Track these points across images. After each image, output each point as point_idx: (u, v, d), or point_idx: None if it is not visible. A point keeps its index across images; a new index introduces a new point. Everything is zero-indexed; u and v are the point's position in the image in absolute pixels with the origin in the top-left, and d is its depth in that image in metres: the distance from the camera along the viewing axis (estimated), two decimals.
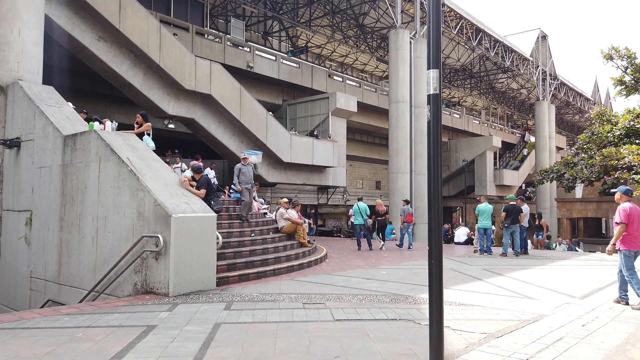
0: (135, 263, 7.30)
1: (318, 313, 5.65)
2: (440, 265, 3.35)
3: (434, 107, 3.06)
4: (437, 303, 3.42)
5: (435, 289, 3.46)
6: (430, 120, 3.05)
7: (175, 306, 6.07)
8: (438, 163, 3.00)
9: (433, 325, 3.52)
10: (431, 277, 3.48)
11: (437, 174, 3.02)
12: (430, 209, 3.11)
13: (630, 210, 6.31)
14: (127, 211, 7.56)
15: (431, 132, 3.07)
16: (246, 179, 11.14)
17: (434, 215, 3.12)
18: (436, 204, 3.10)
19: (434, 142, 3.03)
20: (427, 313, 5.76)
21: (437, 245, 3.21)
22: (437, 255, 3.25)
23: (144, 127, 9.18)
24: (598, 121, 19.91)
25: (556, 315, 5.73)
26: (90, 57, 17.52)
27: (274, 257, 9.49)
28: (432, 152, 3.01)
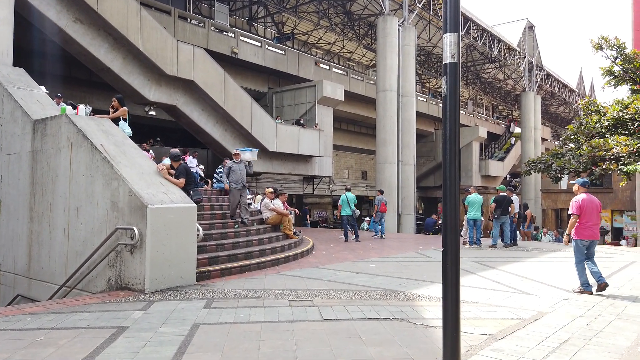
0: (109, 257, 6.83)
1: (305, 312, 5.26)
2: (457, 272, 2.86)
3: (452, 79, 2.59)
4: (452, 317, 2.95)
5: (451, 303, 3.02)
6: (446, 94, 2.59)
7: (151, 304, 5.63)
8: (456, 147, 2.57)
9: (447, 335, 3.05)
10: (446, 290, 3.00)
11: (455, 161, 2.59)
12: (445, 202, 2.66)
13: (583, 202, 6.62)
14: (100, 201, 7.06)
15: (447, 108, 2.59)
16: (236, 177, 10.19)
17: (450, 209, 2.65)
18: (452, 197, 2.66)
19: (451, 121, 2.56)
20: (422, 311, 5.44)
21: (453, 246, 2.79)
22: (453, 258, 2.83)
23: (120, 111, 8.63)
24: (586, 112, 19.77)
25: (557, 312, 5.43)
26: (67, 39, 16.74)
27: (259, 250, 9.07)
28: (449, 134, 2.54)
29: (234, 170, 10.29)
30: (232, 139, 21.79)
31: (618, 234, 28.43)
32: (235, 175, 10.23)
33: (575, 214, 6.64)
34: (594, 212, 6.70)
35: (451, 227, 2.67)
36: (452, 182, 2.56)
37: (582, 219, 6.62)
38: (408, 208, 25.12)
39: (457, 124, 2.57)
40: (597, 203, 6.79)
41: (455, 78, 2.62)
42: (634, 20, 25.46)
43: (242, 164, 10.53)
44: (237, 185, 10.17)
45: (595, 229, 6.76)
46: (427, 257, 10.53)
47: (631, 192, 27.64)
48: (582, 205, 6.60)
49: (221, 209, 10.30)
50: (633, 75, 18.81)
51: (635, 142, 16.35)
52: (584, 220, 6.61)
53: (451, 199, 2.61)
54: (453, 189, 2.57)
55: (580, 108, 20.56)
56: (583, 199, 6.67)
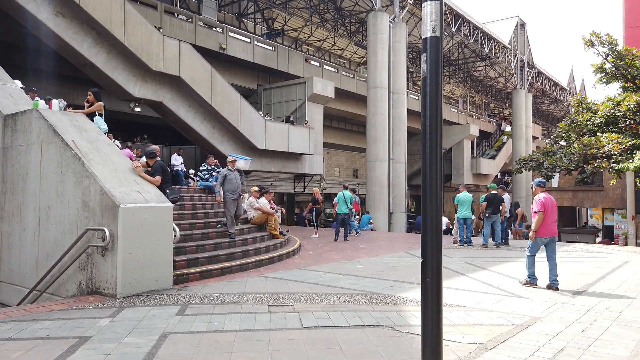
0: (79, 259, 6.45)
1: (285, 318, 4.94)
2: (439, 288, 2.56)
3: (433, 56, 2.25)
4: (433, 345, 2.64)
5: (432, 330, 2.71)
6: (426, 74, 2.24)
7: (121, 310, 5.27)
8: (437, 139, 2.24)
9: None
10: (426, 313, 2.71)
11: (436, 156, 2.27)
12: (425, 204, 2.33)
13: (545, 200, 6.89)
14: (71, 200, 6.68)
15: (428, 91, 2.22)
16: (232, 187, 9.23)
17: (431, 211, 2.33)
18: (433, 198, 2.34)
19: (432, 107, 2.21)
20: (408, 317, 5.13)
21: (435, 257, 2.48)
22: (435, 272, 2.50)
23: (96, 106, 8.23)
24: (577, 109, 19.60)
25: (550, 318, 5.15)
26: (48, 34, 16.24)
27: (241, 251, 8.72)
28: (429, 124, 2.19)
29: (229, 179, 9.31)
30: (220, 137, 21.39)
31: (609, 232, 28.39)
32: (231, 184, 9.28)
33: (540, 210, 6.87)
34: (554, 210, 6.99)
35: (432, 233, 2.33)
36: (432, 180, 2.23)
37: (544, 217, 6.88)
38: (399, 206, 24.87)
39: (439, 111, 2.22)
40: (555, 202, 7.09)
41: (437, 55, 2.27)
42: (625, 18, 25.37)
43: (236, 172, 9.66)
44: (233, 195, 9.24)
45: (554, 227, 7.00)
46: (417, 258, 10.24)
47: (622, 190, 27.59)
48: (545, 202, 6.87)
49: (203, 208, 9.94)
50: (625, 72, 18.65)
51: (627, 139, 16.20)
52: (545, 218, 6.88)
53: (432, 199, 2.27)
54: (434, 188, 2.24)
55: (572, 106, 20.39)
56: (545, 197, 6.94)
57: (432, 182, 2.26)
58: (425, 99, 2.24)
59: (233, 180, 9.33)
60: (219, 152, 21.16)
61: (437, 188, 2.28)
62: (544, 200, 6.88)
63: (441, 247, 2.59)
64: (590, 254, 11.40)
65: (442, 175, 2.27)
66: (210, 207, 10.18)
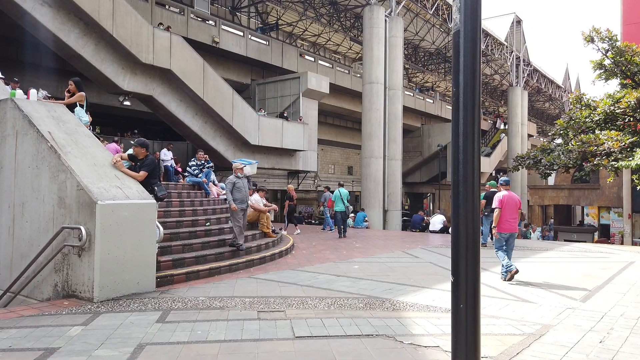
0: (55, 260, 5.99)
1: (275, 327, 4.51)
2: (476, 321, 1.99)
3: (469, 1, 1.78)
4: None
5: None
6: (459, 27, 1.76)
7: (97, 316, 4.83)
8: (474, 115, 1.76)
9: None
10: (457, 342, 2.13)
11: (473, 141, 1.76)
12: (457, 204, 1.83)
13: (504, 197, 7.32)
14: (46, 196, 6.21)
15: (462, 50, 1.72)
16: (241, 196, 8.53)
17: (465, 215, 1.83)
18: (469, 196, 1.83)
19: (468, 70, 1.72)
20: (410, 324, 4.72)
21: (472, 275, 1.99)
22: (471, 297, 1.99)
23: (77, 96, 7.74)
24: (576, 106, 19.28)
25: (563, 326, 4.76)
26: (34, 24, 15.67)
27: (231, 251, 8.27)
28: (464, 94, 1.68)
29: (238, 187, 8.53)
30: (212, 132, 20.91)
31: (605, 231, 28.17)
32: (240, 193, 8.53)
33: (497, 207, 7.29)
34: (513, 208, 7.34)
35: (467, 245, 1.83)
36: (468, 174, 1.73)
37: (503, 214, 7.27)
38: (394, 204, 24.52)
39: (477, 77, 1.75)
40: (516, 200, 7.45)
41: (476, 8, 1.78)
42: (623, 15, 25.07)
43: (245, 179, 8.92)
44: (242, 204, 8.55)
45: (514, 223, 7.36)
46: (415, 257, 9.86)
47: (618, 188, 27.38)
48: (503, 200, 7.28)
49: (192, 205, 9.48)
50: (624, 68, 18.33)
51: (627, 137, 15.90)
52: (505, 214, 7.27)
53: (466, 198, 1.78)
54: (470, 185, 1.75)
55: (571, 102, 20.06)
56: (504, 195, 7.38)
57: (467, 176, 1.79)
58: (458, 60, 1.77)
59: (242, 188, 8.60)
60: (211, 147, 20.70)
61: (474, 184, 1.80)
62: (502, 198, 7.30)
63: (479, 264, 2.00)
64: (592, 254, 11.06)
65: (479, 168, 1.81)
66: (199, 204, 9.73)
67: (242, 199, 8.55)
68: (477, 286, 1.95)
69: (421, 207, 40.40)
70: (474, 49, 1.81)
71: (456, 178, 1.81)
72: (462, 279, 1.91)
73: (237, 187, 8.53)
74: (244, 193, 8.62)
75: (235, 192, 8.50)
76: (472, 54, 1.79)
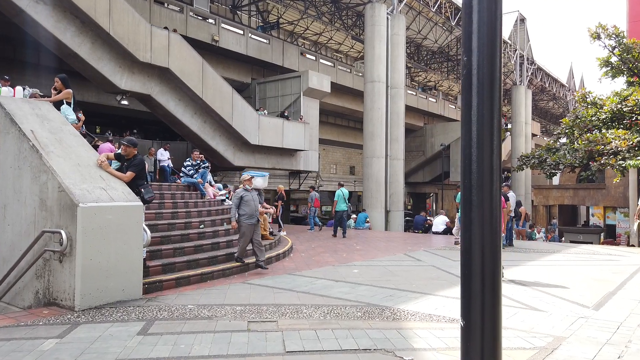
0: (36, 265, 5.67)
1: (265, 339, 4.18)
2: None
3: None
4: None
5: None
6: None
7: (75, 327, 4.50)
8: (495, 88, 1.40)
9: None
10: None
11: (491, 122, 1.39)
12: (468, 203, 1.36)
13: None
14: (28, 198, 5.89)
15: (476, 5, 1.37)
16: (250, 210, 7.80)
17: (485, 225, 1.42)
18: (486, 194, 1.40)
19: (484, 32, 1.35)
20: (411, 337, 4.37)
21: (490, 301, 1.55)
22: (491, 330, 1.55)
23: (63, 94, 7.41)
24: (582, 104, 18.88)
25: (576, 337, 4.41)
26: (29, 22, 15.39)
27: (225, 254, 7.94)
28: (478, 64, 1.34)
29: (246, 200, 7.84)
30: (212, 132, 20.60)
31: (611, 231, 27.74)
32: (249, 207, 7.83)
33: None
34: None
35: (485, 279, 1.41)
36: (485, 177, 1.34)
37: None
38: (396, 204, 24.15)
39: (496, 46, 1.38)
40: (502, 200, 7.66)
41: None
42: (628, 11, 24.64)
43: (254, 192, 8.22)
44: (251, 220, 7.80)
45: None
46: (417, 261, 9.51)
47: (624, 188, 26.94)
48: None
49: (186, 206, 9.15)
50: (631, 65, 17.93)
51: (635, 135, 15.50)
52: None
53: (482, 209, 1.39)
54: (488, 191, 1.37)
55: (577, 101, 19.66)
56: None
57: (482, 180, 1.33)
58: (470, 18, 1.35)
59: (251, 202, 7.86)
60: (211, 147, 20.38)
61: (493, 191, 1.40)
62: None
63: (500, 309, 1.53)
64: (600, 256, 10.69)
65: (499, 168, 1.42)
66: (193, 206, 9.40)
67: (251, 213, 7.81)
68: (498, 339, 1.56)
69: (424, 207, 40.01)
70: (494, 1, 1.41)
71: (468, 182, 1.41)
72: (476, 331, 1.51)
73: (246, 201, 7.82)
74: (253, 207, 7.88)
75: (244, 206, 7.81)
76: (489, 8, 1.40)
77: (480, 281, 1.42)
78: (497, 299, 1.47)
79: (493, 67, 1.37)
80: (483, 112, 1.34)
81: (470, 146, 1.37)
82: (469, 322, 1.50)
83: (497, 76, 1.40)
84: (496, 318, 1.48)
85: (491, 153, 1.36)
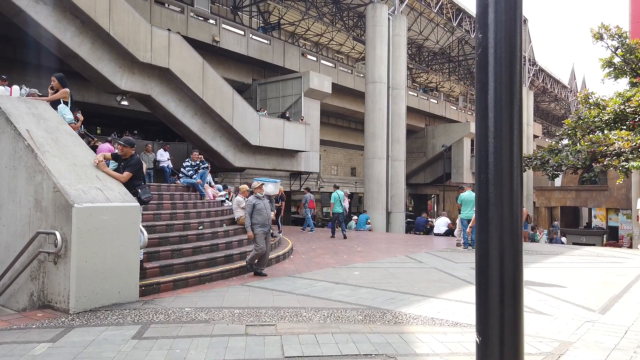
0: (31, 267, 5.57)
1: (263, 344, 4.06)
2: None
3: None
4: None
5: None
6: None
7: (68, 331, 4.39)
8: (514, 68, 1.22)
9: None
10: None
11: (512, 98, 1.22)
12: (485, 206, 1.24)
13: None
14: (23, 199, 5.79)
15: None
16: (262, 219, 7.55)
17: (504, 226, 1.24)
18: (508, 199, 1.27)
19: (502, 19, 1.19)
20: (414, 341, 4.25)
21: (510, 328, 1.35)
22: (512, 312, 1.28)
23: (60, 93, 7.32)
24: (584, 105, 18.75)
25: (583, 342, 4.29)
26: (28, 22, 15.32)
27: (224, 256, 7.84)
28: (499, 33, 1.17)
29: (258, 209, 7.57)
30: (212, 132, 20.50)
31: (613, 233, 27.58)
32: (261, 215, 7.59)
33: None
34: None
35: (505, 290, 1.21)
36: (504, 171, 1.19)
37: None
38: (398, 206, 24.03)
39: (519, 17, 1.24)
40: None
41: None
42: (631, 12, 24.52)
43: (266, 200, 7.97)
44: (263, 228, 7.57)
45: None
46: (419, 262, 9.39)
47: (627, 190, 26.80)
48: None
49: (185, 207, 9.04)
50: (634, 66, 17.80)
51: (638, 137, 15.38)
52: None
53: (501, 208, 1.24)
54: (508, 186, 1.20)
55: (579, 102, 19.52)
56: None
57: (501, 174, 1.18)
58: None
59: (263, 210, 7.62)
60: (211, 148, 20.28)
61: (514, 188, 1.23)
62: None
63: (522, 327, 1.29)
64: (605, 258, 10.55)
65: (520, 162, 1.27)
66: (192, 207, 9.29)
67: (264, 222, 7.57)
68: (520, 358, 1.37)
69: (425, 208, 39.90)
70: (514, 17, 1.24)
71: (484, 177, 1.26)
72: (494, 349, 1.30)
73: (258, 209, 7.56)
74: (265, 215, 7.66)
75: (256, 214, 7.57)
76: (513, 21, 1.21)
77: (499, 291, 1.24)
78: (519, 312, 1.31)
79: (513, 43, 1.22)
80: (501, 95, 1.18)
81: (487, 135, 1.21)
82: (486, 338, 1.29)
83: (518, 54, 1.25)
84: (518, 334, 1.28)
85: (511, 143, 1.21)
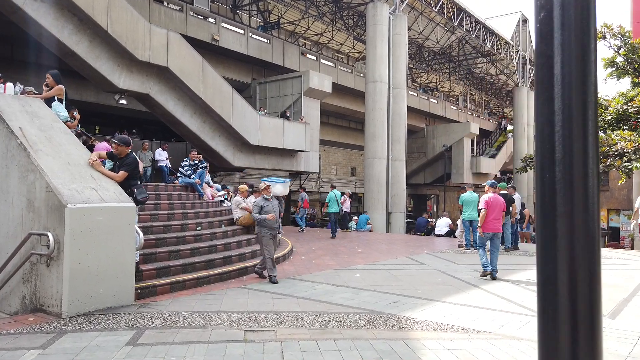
0: (23, 269, 5.40)
1: (262, 351, 3.90)
2: None
3: None
4: None
5: None
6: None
7: (60, 337, 4.22)
8: (591, 46, 1.02)
9: None
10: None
11: (587, 80, 1.01)
12: (551, 211, 0.99)
13: (490, 199, 7.70)
14: (15, 199, 5.62)
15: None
16: (271, 222, 7.20)
17: (581, 216, 1.06)
18: (582, 201, 1.02)
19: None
20: (419, 348, 4.07)
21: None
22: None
23: (55, 90, 7.15)
24: None
25: None
26: (26, 19, 15.14)
27: (223, 257, 7.67)
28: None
29: (267, 211, 7.22)
30: (211, 132, 20.32)
31: (614, 234, 27.46)
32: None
33: (483, 207, 7.67)
34: (498, 209, 7.72)
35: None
36: (575, 170, 0.98)
37: (488, 214, 7.64)
38: (398, 206, 23.87)
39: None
40: (501, 202, 7.82)
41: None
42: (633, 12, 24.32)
43: (275, 201, 7.53)
44: (272, 231, 7.22)
45: (497, 224, 7.74)
46: (421, 264, 9.22)
47: (628, 190, 26.69)
48: (489, 201, 7.66)
49: (182, 207, 8.87)
50: (637, 66, 17.66)
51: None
52: (490, 215, 7.65)
53: (569, 196, 1.00)
54: (582, 170, 0.97)
55: None
56: (490, 197, 7.75)
57: (568, 165, 0.89)
58: None
59: (271, 212, 7.24)
60: (210, 147, 20.10)
61: (590, 191, 0.99)
62: (489, 199, 7.67)
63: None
64: (609, 260, 10.40)
65: (597, 159, 1.05)
66: (190, 207, 9.12)
67: (271, 224, 7.19)
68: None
69: (425, 209, 39.74)
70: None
71: (550, 177, 1.01)
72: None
73: (266, 212, 7.21)
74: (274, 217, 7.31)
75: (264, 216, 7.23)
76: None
77: (570, 329, 1.02)
78: (598, 355, 1.10)
79: (585, 2, 1.03)
80: (571, 70, 0.97)
81: (553, 123, 0.98)
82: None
83: (593, 13, 1.05)
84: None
85: (585, 132, 1.00)
